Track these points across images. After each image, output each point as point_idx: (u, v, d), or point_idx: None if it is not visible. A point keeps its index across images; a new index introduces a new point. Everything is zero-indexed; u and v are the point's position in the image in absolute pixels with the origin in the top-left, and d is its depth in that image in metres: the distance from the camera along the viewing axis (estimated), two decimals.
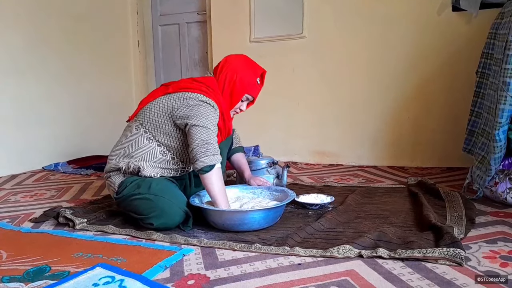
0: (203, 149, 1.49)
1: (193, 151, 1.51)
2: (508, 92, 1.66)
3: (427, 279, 1.08)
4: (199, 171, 1.51)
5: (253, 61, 1.75)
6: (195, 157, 1.50)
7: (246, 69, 1.69)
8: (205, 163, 1.48)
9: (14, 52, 2.78)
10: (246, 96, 1.71)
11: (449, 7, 2.53)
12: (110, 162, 1.66)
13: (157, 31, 3.85)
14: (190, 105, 1.56)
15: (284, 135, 3.10)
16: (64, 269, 1.22)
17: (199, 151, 1.49)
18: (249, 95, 1.72)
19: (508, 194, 1.72)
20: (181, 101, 1.58)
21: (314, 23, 2.92)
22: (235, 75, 1.67)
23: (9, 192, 2.27)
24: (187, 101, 1.57)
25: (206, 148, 1.49)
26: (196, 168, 1.51)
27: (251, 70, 1.71)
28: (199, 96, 1.57)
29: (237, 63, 1.70)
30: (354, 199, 1.86)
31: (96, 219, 1.67)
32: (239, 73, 1.67)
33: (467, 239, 1.36)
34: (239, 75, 1.67)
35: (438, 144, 2.67)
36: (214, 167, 1.50)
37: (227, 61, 1.72)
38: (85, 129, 3.34)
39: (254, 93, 1.73)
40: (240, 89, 1.68)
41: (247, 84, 1.68)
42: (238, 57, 1.73)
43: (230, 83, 1.67)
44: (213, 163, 1.50)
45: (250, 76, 1.69)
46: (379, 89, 2.79)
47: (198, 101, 1.56)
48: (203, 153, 1.49)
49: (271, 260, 1.24)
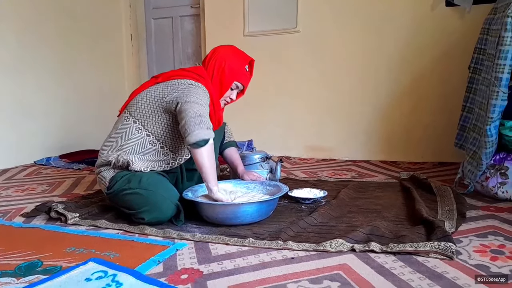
0: (197, 120, 1.44)
1: (186, 124, 1.45)
2: (500, 88, 1.67)
3: (418, 273, 1.09)
4: (193, 145, 1.45)
5: (241, 50, 1.76)
6: (189, 129, 1.44)
7: (234, 57, 1.70)
8: (200, 137, 1.44)
9: (6, 46, 2.74)
10: (235, 83, 1.70)
11: (443, 2, 2.53)
12: (101, 156, 1.65)
13: (150, 25, 3.81)
14: (181, 88, 1.56)
15: (278, 130, 3.10)
16: (56, 264, 1.21)
17: (192, 122, 1.44)
18: (239, 82, 1.71)
19: (498, 189, 1.74)
20: (170, 87, 1.58)
21: (308, 17, 2.91)
22: (224, 63, 1.67)
23: (1, 187, 2.25)
24: (176, 86, 1.57)
25: (200, 120, 1.45)
26: (190, 141, 1.44)
27: (240, 58, 1.71)
28: (188, 81, 1.58)
29: (225, 51, 1.71)
30: (347, 193, 1.87)
31: (89, 213, 1.66)
32: (227, 60, 1.67)
33: (458, 233, 1.37)
34: (228, 63, 1.67)
35: (430, 139, 2.69)
36: (208, 142, 1.47)
37: (216, 51, 1.72)
38: (77, 123, 3.31)
39: (243, 81, 1.72)
40: (229, 76, 1.67)
41: (236, 71, 1.68)
42: (226, 47, 1.75)
43: (219, 70, 1.67)
44: (208, 137, 1.46)
45: (238, 63, 1.70)
46: (373, 84, 2.79)
47: (188, 84, 1.56)
48: (197, 125, 1.44)
49: (264, 254, 1.25)
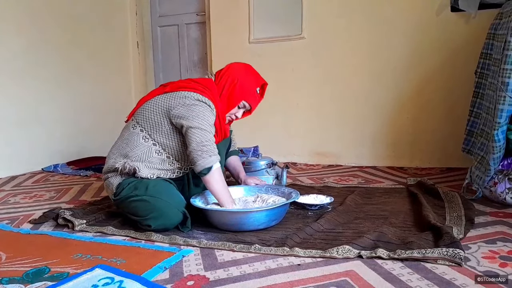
0: (199, 152, 1.50)
1: (190, 155, 1.52)
2: (507, 93, 1.66)
3: (426, 279, 1.08)
4: (199, 174, 1.52)
5: (255, 71, 1.76)
6: (193, 160, 1.51)
7: (247, 76, 1.71)
8: (202, 166, 1.50)
9: (14, 54, 2.78)
10: (243, 102, 1.71)
11: (448, 7, 2.53)
12: (107, 162, 1.67)
13: (156, 32, 3.85)
14: (186, 104, 1.57)
15: (284, 136, 3.10)
16: (63, 270, 1.22)
17: (196, 154, 1.50)
18: (247, 102, 1.71)
19: (507, 194, 1.73)
20: (178, 100, 1.59)
21: (314, 24, 2.92)
22: (236, 80, 1.68)
23: (9, 194, 2.27)
24: (183, 100, 1.58)
25: (202, 151, 1.50)
26: (196, 171, 1.52)
27: (253, 79, 1.72)
28: (195, 95, 1.58)
29: (239, 69, 1.72)
30: (353, 199, 1.86)
31: (96, 220, 1.67)
32: (240, 78, 1.69)
33: (467, 239, 1.36)
34: (240, 80, 1.68)
35: (437, 144, 2.67)
36: (212, 169, 1.51)
37: (230, 67, 1.74)
38: (84, 130, 3.34)
39: (251, 102, 1.72)
40: (238, 94, 1.68)
41: (247, 91, 1.69)
42: (241, 64, 1.76)
43: (230, 86, 1.68)
44: (210, 165, 1.50)
45: (250, 83, 1.70)
46: (378, 89, 2.79)
47: (194, 100, 1.57)
48: (199, 156, 1.50)
49: (270, 260, 1.25)
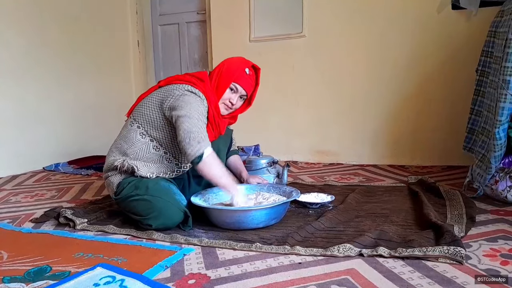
0: (187, 139, 1.46)
1: (180, 145, 1.49)
2: (508, 90, 1.66)
3: (427, 278, 1.08)
4: (192, 163, 1.49)
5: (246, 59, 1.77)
6: (183, 150, 1.48)
7: (234, 60, 1.74)
8: (192, 155, 1.46)
9: (14, 53, 2.78)
10: (234, 85, 1.68)
11: (449, 5, 2.53)
12: (107, 160, 1.67)
13: (157, 31, 3.85)
14: (176, 95, 1.58)
15: (285, 134, 3.10)
16: (65, 269, 1.22)
17: (184, 143, 1.46)
18: (237, 83, 1.67)
19: (508, 192, 1.72)
20: (169, 92, 1.61)
21: (314, 22, 2.91)
22: (222, 65, 1.72)
23: (10, 193, 2.27)
24: (173, 92, 1.60)
25: (190, 138, 1.46)
26: (188, 162, 1.49)
27: (239, 61, 1.73)
28: (185, 86, 1.61)
29: (229, 58, 1.75)
30: (354, 198, 1.86)
31: (97, 219, 1.67)
32: (226, 63, 1.72)
33: (468, 238, 1.35)
34: (227, 63, 1.72)
35: (438, 142, 2.67)
36: (203, 156, 1.46)
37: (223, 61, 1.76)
38: (86, 129, 3.34)
39: (241, 82, 1.68)
40: (226, 76, 1.67)
41: (233, 72, 1.67)
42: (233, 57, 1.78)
43: (218, 71, 1.70)
44: (201, 152, 1.46)
45: (236, 65, 1.71)
46: (379, 87, 2.78)
47: (184, 91, 1.59)
48: (188, 144, 1.46)
49: (271, 259, 1.25)
